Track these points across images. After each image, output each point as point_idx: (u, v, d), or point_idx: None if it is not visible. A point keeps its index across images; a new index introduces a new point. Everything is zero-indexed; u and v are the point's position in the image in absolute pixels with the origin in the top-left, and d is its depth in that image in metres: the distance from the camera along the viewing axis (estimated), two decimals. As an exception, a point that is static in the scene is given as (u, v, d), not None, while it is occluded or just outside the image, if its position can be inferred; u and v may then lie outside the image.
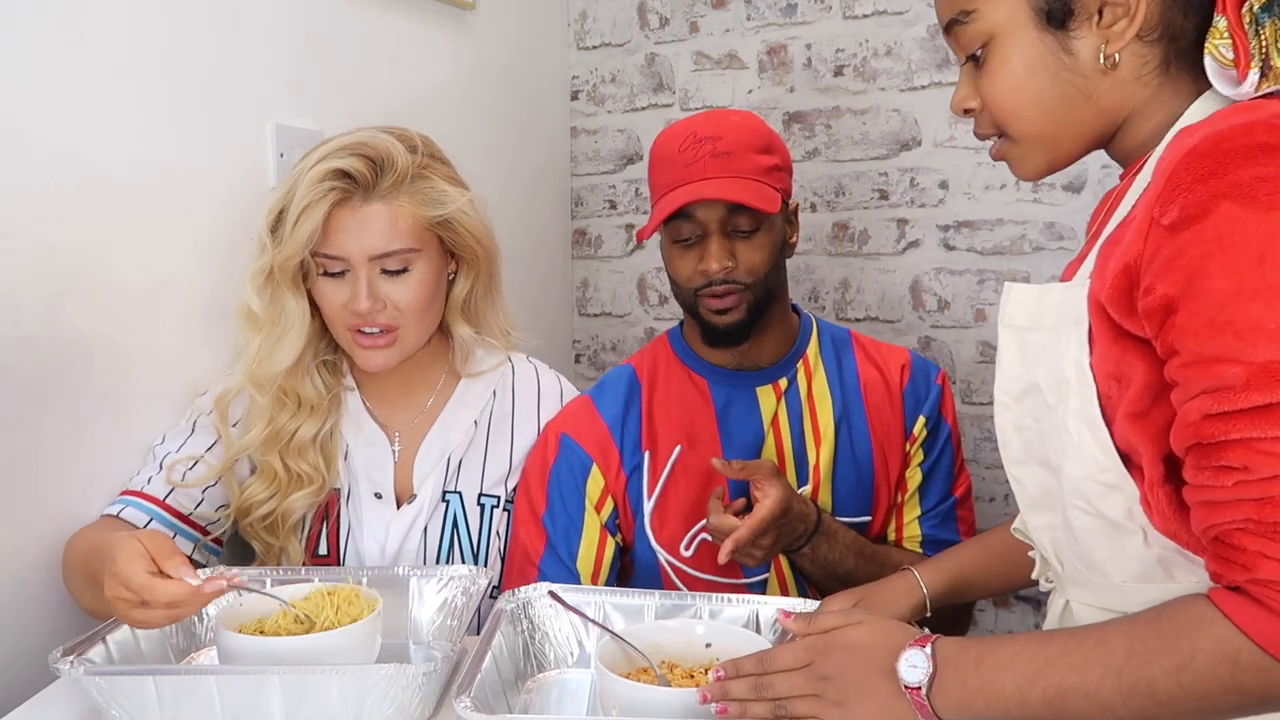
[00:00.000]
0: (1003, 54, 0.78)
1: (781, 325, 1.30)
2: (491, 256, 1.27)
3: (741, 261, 1.21)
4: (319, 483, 1.21)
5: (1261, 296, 0.64)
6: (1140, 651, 0.68)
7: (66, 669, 0.85)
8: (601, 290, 2.35)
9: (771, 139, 1.24)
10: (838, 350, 1.32)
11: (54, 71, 1.11)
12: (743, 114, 1.28)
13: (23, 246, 1.08)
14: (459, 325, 1.28)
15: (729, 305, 1.22)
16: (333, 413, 1.25)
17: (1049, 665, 0.71)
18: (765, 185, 1.19)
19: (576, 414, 1.31)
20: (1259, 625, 0.64)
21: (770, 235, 1.22)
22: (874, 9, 2.00)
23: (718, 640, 0.95)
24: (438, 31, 1.79)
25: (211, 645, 1.05)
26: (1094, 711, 0.69)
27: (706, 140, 1.20)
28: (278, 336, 1.18)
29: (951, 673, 0.74)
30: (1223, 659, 0.65)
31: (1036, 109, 0.79)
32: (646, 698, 0.83)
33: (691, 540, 1.26)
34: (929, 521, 1.28)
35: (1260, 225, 0.64)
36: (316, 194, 1.12)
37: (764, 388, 1.29)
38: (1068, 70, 0.77)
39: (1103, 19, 0.75)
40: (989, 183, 1.94)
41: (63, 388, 1.13)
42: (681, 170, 1.20)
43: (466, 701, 0.82)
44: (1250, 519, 0.65)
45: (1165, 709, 0.67)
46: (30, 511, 1.11)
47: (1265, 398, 0.63)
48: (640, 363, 1.35)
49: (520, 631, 1.02)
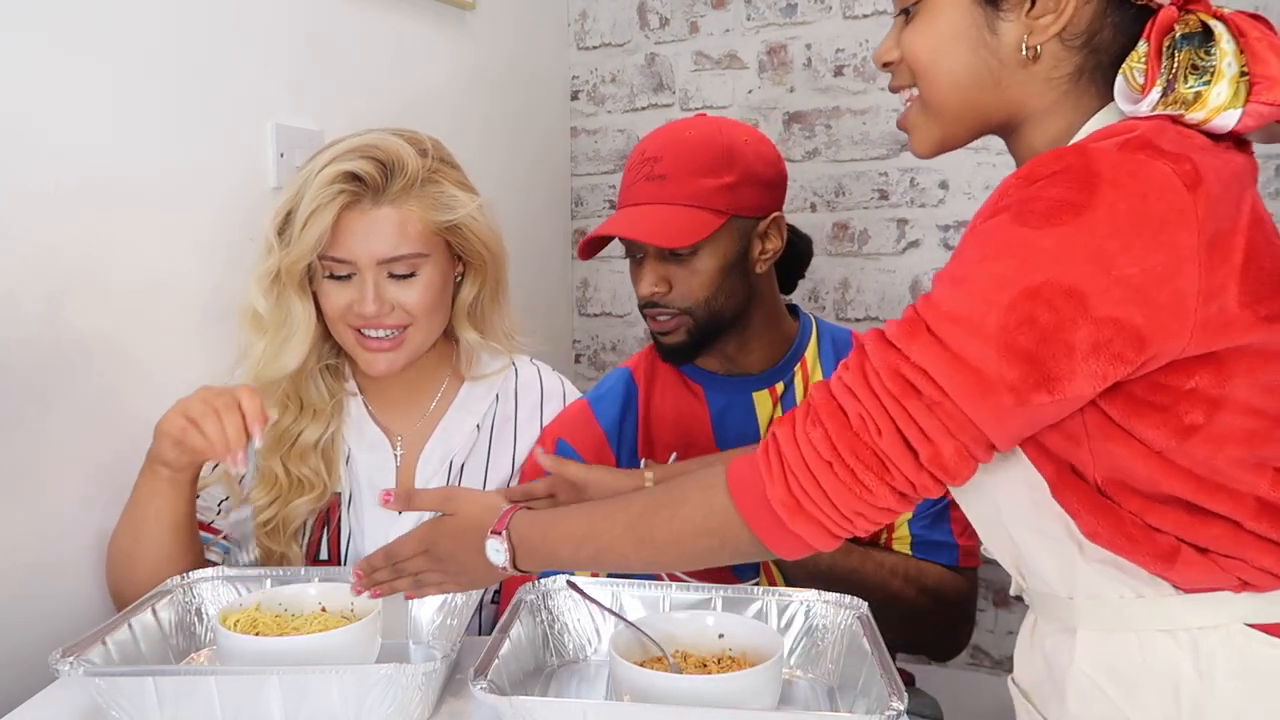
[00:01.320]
0: (933, 12, 0.80)
1: (769, 333, 1.28)
2: (499, 262, 1.26)
3: (676, 286, 1.20)
4: (320, 489, 1.21)
5: (960, 285, 0.69)
6: (651, 507, 0.83)
7: (66, 669, 0.85)
8: (601, 290, 2.35)
9: (727, 153, 1.19)
10: (838, 352, 1.30)
11: (54, 72, 1.11)
12: (703, 127, 1.23)
13: (23, 246, 1.08)
14: (465, 330, 1.27)
15: (667, 328, 1.22)
16: (335, 417, 1.24)
17: (591, 529, 0.86)
18: (699, 210, 1.16)
19: (574, 420, 1.30)
20: (740, 481, 0.76)
21: (713, 258, 1.19)
22: (874, 9, 2.01)
23: (730, 630, 0.96)
24: (438, 31, 1.79)
25: (211, 646, 1.05)
26: (619, 562, 0.86)
27: (648, 161, 1.20)
28: (284, 339, 1.17)
29: (525, 550, 0.89)
30: (703, 504, 0.79)
31: (947, 77, 0.80)
32: (659, 685, 0.84)
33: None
34: (919, 523, 1.25)
35: (1007, 233, 0.68)
36: (326, 196, 1.11)
37: (760, 393, 1.27)
38: (986, 49, 0.78)
39: (1033, 9, 0.76)
40: (989, 183, 1.93)
41: (63, 388, 1.13)
42: (625, 190, 1.22)
43: (483, 684, 0.83)
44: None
45: (661, 553, 0.82)
46: (30, 511, 1.11)
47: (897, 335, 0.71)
48: (638, 366, 1.34)
49: (540, 622, 1.03)
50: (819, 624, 1.01)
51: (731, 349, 1.26)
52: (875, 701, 0.85)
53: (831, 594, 1.02)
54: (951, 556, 1.21)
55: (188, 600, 1.06)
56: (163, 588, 1.05)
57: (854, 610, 0.99)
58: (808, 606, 1.02)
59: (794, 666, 1.00)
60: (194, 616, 1.06)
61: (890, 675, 0.84)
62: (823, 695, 0.97)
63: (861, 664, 0.92)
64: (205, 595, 1.07)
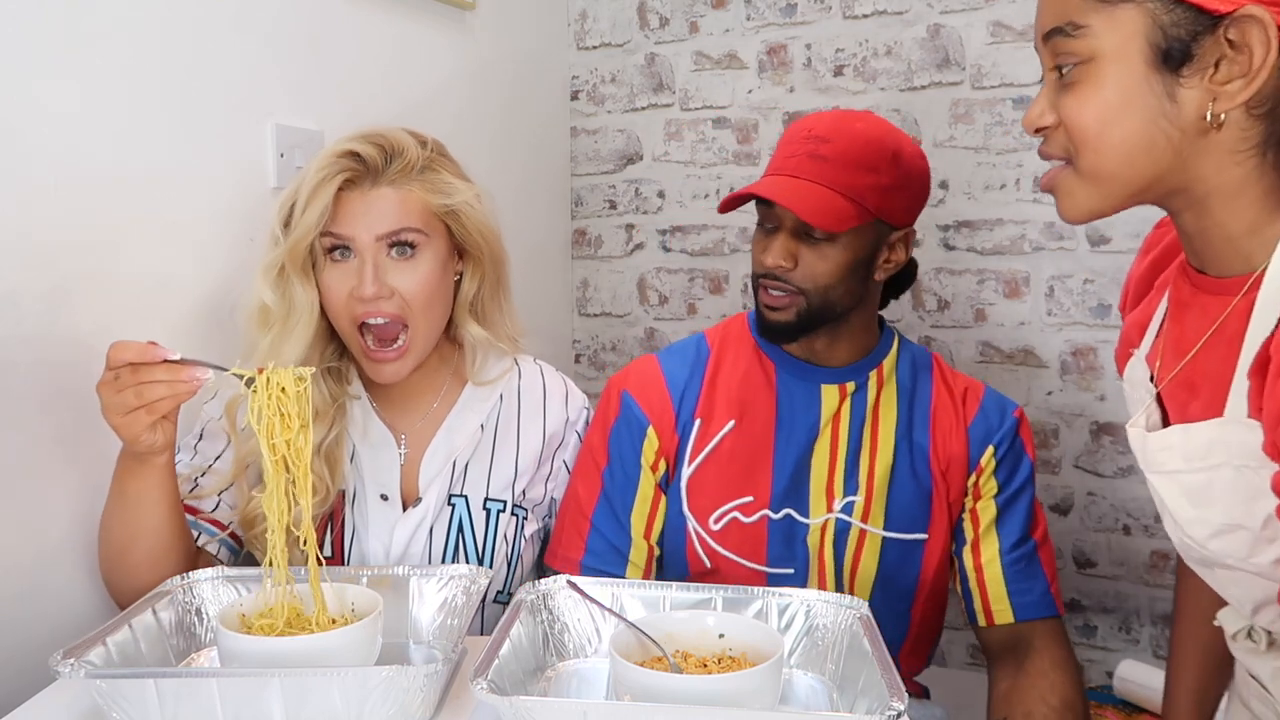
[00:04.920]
0: (1099, 79, 0.73)
1: (857, 336, 1.28)
2: (498, 255, 1.26)
3: (802, 265, 1.20)
4: (322, 493, 1.20)
5: None
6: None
7: (67, 671, 0.85)
8: (601, 290, 2.35)
9: (892, 156, 1.19)
10: (915, 369, 1.31)
11: (54, 72, 1.11)
12: (874, 123, 1.23)
13: (23, 245, 1.08)
14: (469, 325, 1.27)
15: (779, 304, 1.22)
16: (338, 421, 1.24)
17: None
18: (849, 201, 1.17)
19: (641, 373, 1.33)
20: None
21: (846, 251, 1.19)
22: (874, 9, 2.01)
23: (730, 630, 0.96)
24: (438, 32, 1.79)
25: (211, 646, 1.05)
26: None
27: (815, 139, 1.19)
28: (289, 329, 1.17)
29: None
30: None
31: (1118, 148, 0.74)
32: (660, 684, 0.84)
33: (723, 515, 1.26)
34: (1012, 565, 1.25)
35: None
36: (327, 173, 1.13)
37: (830, 386, 1.28)
38: (1165, 118, 0.72)
39: (1218, 73, 0.70)
40: (989, 183, 1.93)
41: (63, 387, 1.13)
42: (781, 159, 1.22)
43: (483, 684, 0.82)
44: None
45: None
46: (30, 511, 1.11)
47: None
48: (714, 334, 1.36)
49: (540, 622, 1.03)
50: (820, 624, 1.01)
51: (821, 342, 1.27)
52: (875, 701, 0.85)
53: (832, 594, 1.02)
54: (1047, 593, 1.25)
55: (188, 600, 1.06)
56: (162, 588, 1.05)
57: (855, 610, 0.99)
58: (808, 606, 1.02)
59: (794, 666, 1.00)
60: (194, 617, 1.06)
61: (890, 675, 0.84)
62: (823, 695, 0.97)
63: (862, 664, 0.92)
64: (205, 595, 1.07)
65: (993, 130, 1.92)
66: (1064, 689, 1.17)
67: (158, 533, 1.08)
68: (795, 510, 1.26)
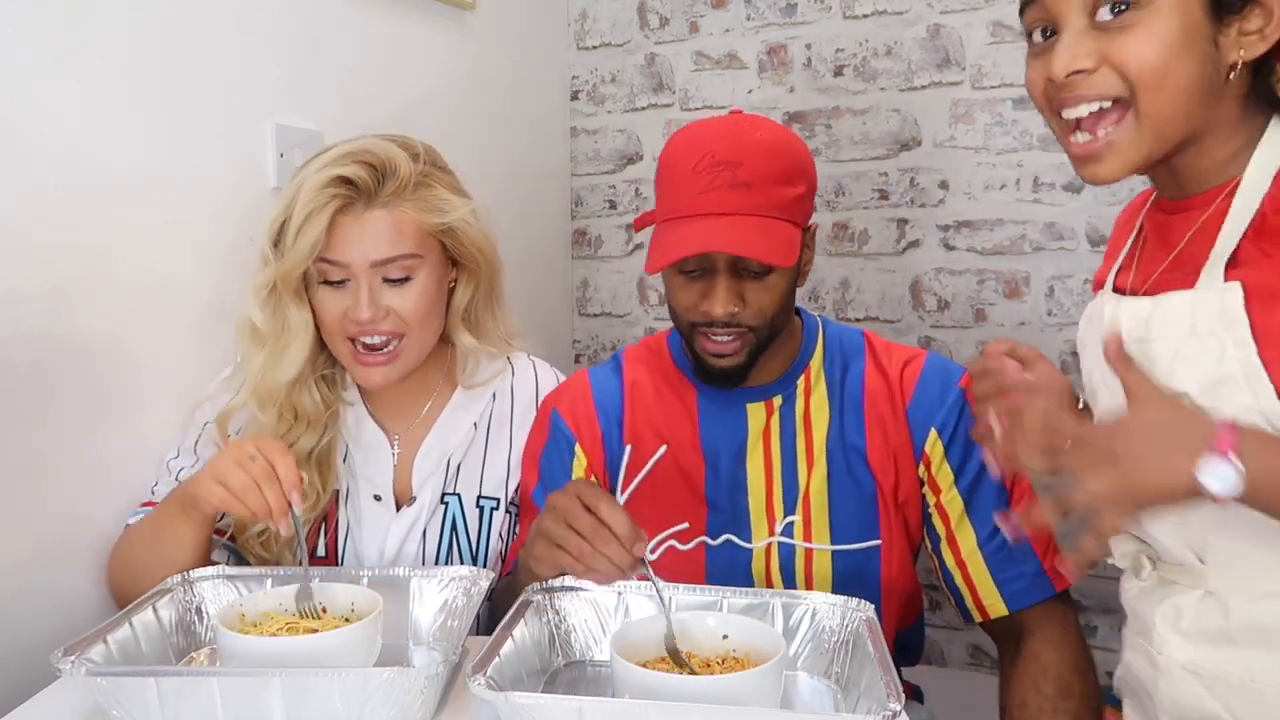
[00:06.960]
0: (1162, 21, 0.76)
1: (784, 348, 1.19)
2: (493, 267, 1.26)
3: (750, 304, 1.10)
4: (313, 499, 1.20)
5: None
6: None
7: (68, 669, 0.85)
8: (601, 290, 2.35)
9: (798, 161, 1.11)
10: (845, 358, 1.22)
11: (54, 72, 1.11)
12: (767, 130, 1.12)
13: (23, 246, 1.08)
14: (461, 335, 1.26)
15: (729, 350, 1.12)
16: (331, 427, 1.24)
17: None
18: (787, 224, 1.08)
19: (570, 390, 1.27)
20: None
21: (786, 275, 1.11)
22: (874, 9, 2.01)
23: (734, 631, 0.96)
24: (438, 32, 1.79)
25: (211, 645, 1.05)
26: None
27: (725, 166, 1.06)
28: (282, 348, 1.17)
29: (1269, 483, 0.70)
30: None
31: (1178, 86, 0.76)
32: (661, 685, 0.84)
33: (659, 545, 1.18)
34: (994, 554, 1.14)
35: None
36: (319, 201, 1.11)
37: (755, 404, 1.20)
38: (1210, 63, 0.76)
39: (1245, 24, 0.75)
40: (989, 183, 1.94)
41: (63, 387, 1.13)
42: (694, 197, 1.07)
43: (481, 680, 0.82)
44: None
45: None
46: (30, 511, 1.11)
47: None
48: (631, 356, 1.29)
49: (545, 622, 1.03)
50: (825, 625, 1.00)
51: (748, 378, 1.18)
52: (877, 703, 0.85)
53: (838, 596, 1.02)
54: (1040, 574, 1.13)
55: (188, 599, 1.06)
56: (163, 586, 1.05)
57: (861, 613, 0.99)
58: (814, 608, 1.02)
59: (799, 667, 1.00)
60: (194, 615, 1.06)
61: (890, 677, 0.84)
62: (828, 699, 0.97)
63: (865, 666, 0.92)
64: (205, 594, 1.07)
65: (993, 130, 1.92)
66: (1058, 671, 1.09)
67: (183, 566, 1.09)
68: (736, 535, 1.18)
